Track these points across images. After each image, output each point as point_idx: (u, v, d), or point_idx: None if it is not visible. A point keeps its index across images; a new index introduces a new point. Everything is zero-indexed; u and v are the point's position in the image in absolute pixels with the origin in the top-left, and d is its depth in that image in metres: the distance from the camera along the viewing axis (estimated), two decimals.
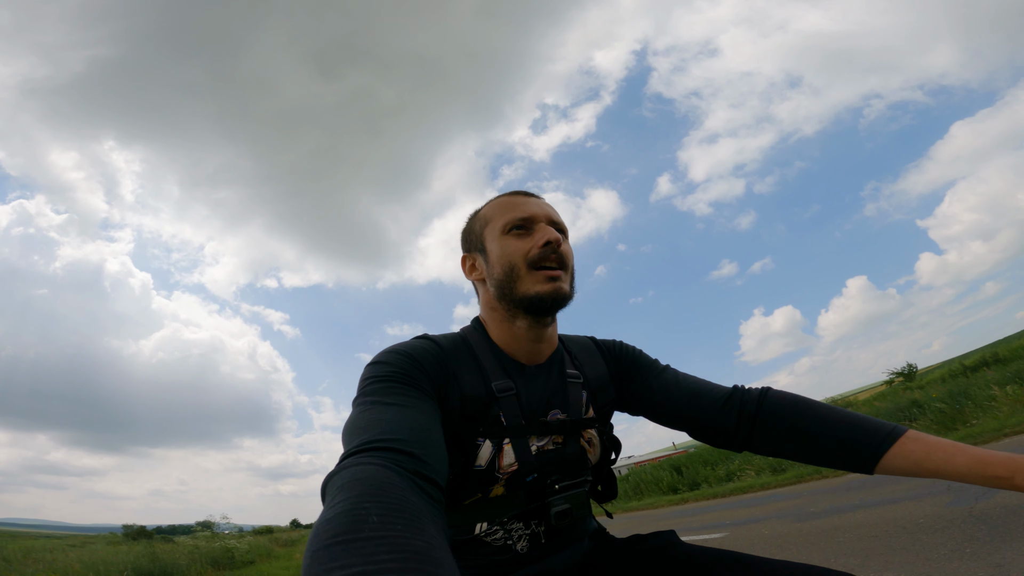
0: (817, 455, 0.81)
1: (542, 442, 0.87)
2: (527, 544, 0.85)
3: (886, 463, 0.74)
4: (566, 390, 0.92)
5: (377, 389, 0.72)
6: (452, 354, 0.87)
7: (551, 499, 0.85)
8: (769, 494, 8.64)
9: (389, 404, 0.69)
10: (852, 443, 0.76)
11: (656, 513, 10.42)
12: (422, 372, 0.79)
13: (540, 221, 0.91)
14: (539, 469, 0.85)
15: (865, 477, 6.46)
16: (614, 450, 0.97)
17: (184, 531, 45.42)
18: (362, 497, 0.48)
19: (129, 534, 32.98)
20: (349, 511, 0.46)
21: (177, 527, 53.77)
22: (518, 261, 0.88)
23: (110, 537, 28.53)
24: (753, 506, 7.92)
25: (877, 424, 0.77)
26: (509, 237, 0.90)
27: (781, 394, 0.87)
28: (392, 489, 0.50)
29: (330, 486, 0.52)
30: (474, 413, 0.84)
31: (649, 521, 8.78)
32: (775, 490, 8.87)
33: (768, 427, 0.84)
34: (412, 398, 0.72)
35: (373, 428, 0.62)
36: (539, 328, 0.90)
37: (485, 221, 0.96)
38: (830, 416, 0.80)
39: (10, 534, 30.81)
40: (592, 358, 1.00)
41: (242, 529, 27.45)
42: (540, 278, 0.87)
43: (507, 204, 0.94)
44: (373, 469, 0.52)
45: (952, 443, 0.70)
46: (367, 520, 0.45)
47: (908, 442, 0.72)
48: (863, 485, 6.44)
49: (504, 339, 0.92)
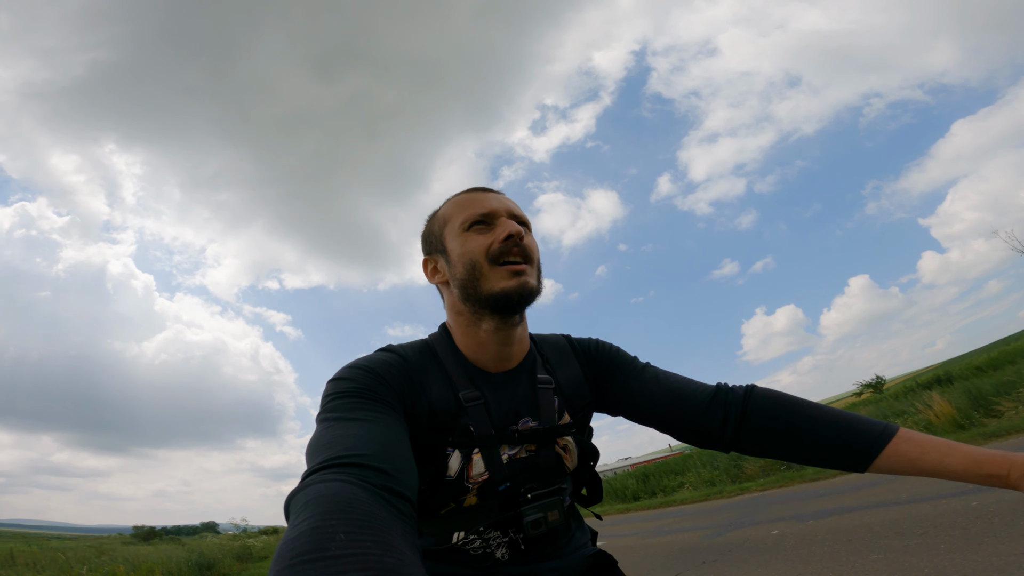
0: (808, 455, 0.79)
1: (514, 451, 0.86)
2: (507, 552, 0.84)
3: (880, 463, 0.73)
4: (536, 397, 0.90)
5: (339, 405, 0.71)
6: (417, 364, 0.86)
7: (524, 508, 0.83)
8: (701, 507, 9.02)
9: (352, 420, 0.67)
10: (844, 442, 0.75)
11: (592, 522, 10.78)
12: (384, 385, 0.77)
13: (501, 215, 0.88)
14: (511, 478, 0.84)
15: (796, 489, 6.40)
16: (591, 456, 0.95)
17: (190, 532, 45.63)
18: (328, 514, 0.44)
19: (140, 535, 33.45)
20: (315, 528, 0.43)
21: (182, 527, 54.03)
22: (479, 257, 0.84)
23: (123, 538, 29.01)
24: (681, 517, 8.26)
25: (869, 423, 0.76)
26: (470, 234, 0.87)
27: (767, 392, 0.85)
28: (359, 505, 0.47)
29: (293, 504, 0.50)
30: (442, 423, 0.82)
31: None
32: (709, 502, 9.22)
33: (756, 427, 0.83)
34: (376, 412, 0.70)
35: (337, 444, 0.60)
36: (507, 329, 0.87)
37: (444, 220, 0.92)
38: (820, 415, 0.79)
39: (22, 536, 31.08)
40: (566, 360, 0.97)
41: (247, 530, 27.75)
42: (504, 273, 0.83)
43: (465, 201, 0.91)
44: (339, 485, 0.50)
45: (946, 442, 0.70)
46: (334, 537, 0.42)
47: (901, 441, 0.71)
48: (776, 501, 6.69)
49: (470, 345, 0.89)
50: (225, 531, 26.65)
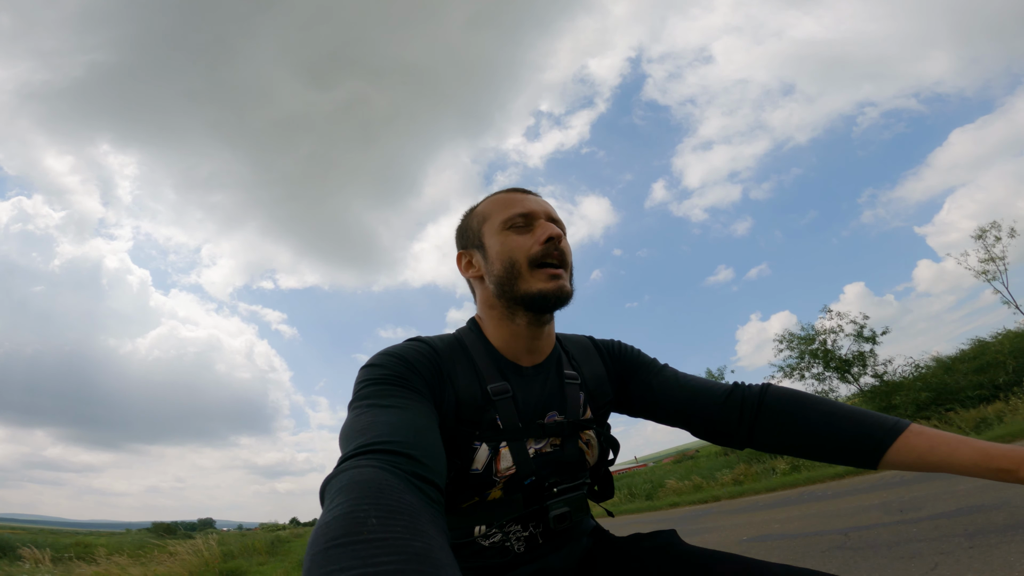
0: (820, 451, 0.80)
1: (540, 444, 0.86)
2: (524, 545, 0.85)
3: (890, 458, 0.73)
4: (564, 392, 0.91)
5: (372, 392, 0.72)
6: (446, 356, 0.86)
7: (549, 502, 0.84)
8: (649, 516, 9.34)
9: (385, 406, 0.68)
10: (856, 438, 0.76)
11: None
12: (416, 374, 0.78)
13: (540, 217, 0.90)
14: (537, 472, 0.85)
15: (751, 499, 6.66)
16: (612, 450, 0.97)
17: (188, 528, 45.81)
18: (361, 499, 0.47)
19: (158, 530, 34.24)
20: (348, 514, 0.45)
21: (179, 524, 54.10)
22: (519, 257, 0.86)
23: (145, 533, 29.67)
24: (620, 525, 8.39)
25: (880, 419, 0.76)
26: (509, 233, 0.89)
27: (782, 390, 0.87)
28: (390, 491, 0.49)
29: (328, 489, 0.52)
30: (470, 416, 0.83)
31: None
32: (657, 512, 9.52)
33: (770, 424, 0.84)
34: (408, 400, 0.71)
35: (369, 431, 0.61)
36: (538, 326, 0.89)
37: (483, 217, 0.94)
38: (833, 411, 0.79)
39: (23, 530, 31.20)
40: (590, 358, 0.99)
41: (242, 527, 28.13)
42: (543, 276, 0.85)
43: (506, 200, 0.93)
44: (371, 471, 0.52)
45: (956, 436, 0.70)
46: (366, 522, 0.43)
47: (912, 436, 0.72)
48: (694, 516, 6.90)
49: (502, 338, 0.90)
50: (220, 528, 27.07)
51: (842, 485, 7.10)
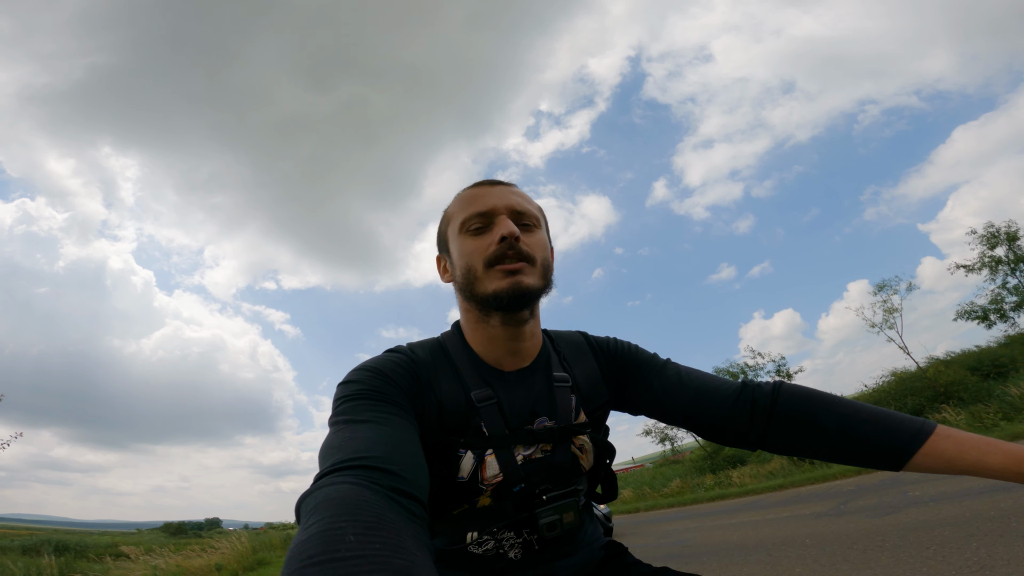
0: (841, 453, 0.76)
1: (529, 451, 0.83)
2: (520, 552, 0.82)
3: (917, 461, 0.70)
4: (552, 396, 0.86)
5: (349, 408, 0.69)
6: (427, 364, 0.83)
7: (539, 510, 0.80)
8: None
9: (362, 422, 0.66)
10: (879, 440, 0.72)
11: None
12: (394, 386, 0.75)
13: (500, 213, 0.83)
14: (526, 479, 0.81)
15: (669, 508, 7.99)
16: (608, 456, 0.92)
17: (196, 527, 45.86)
18: (338, 516, 0.45)
19: (169, 530, 34.57)
20: (324, 531, 0.43)
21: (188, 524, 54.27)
22: (475, 262, 0.81)
23: (156, 533, 29.96)
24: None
25: (904, 420, 0.72)
26: (467, 236, 0.84)
27: (796, 388, 0.82)
28: (369, 507, 0.47)
29: (304, 507, 0.50)
30: (453, 424, 0.80)
31: None
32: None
33: (784, 425, 0.79)
34: (386, 414, 0.68)
35: (346, 447, 0.59)
36: (514, 326, 0.84)
37: (448, 219, 0.89)
38: (853, 412, 0.75)
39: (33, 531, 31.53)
40: (583, 357, 0.93)
41: (247, 526, 28.59)
42: (497, 274, 0.80)
43: (467, 198, 0.87)
44: (348, 488, 0.50)
45: (986, 439, 0.67)
46: (344, 539, 0.42)
47: (939, 439, 0.69)
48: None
49: (481, 342, 0.86)
50: (226, 527, 27.48)
51: (772, 498, 7.78)
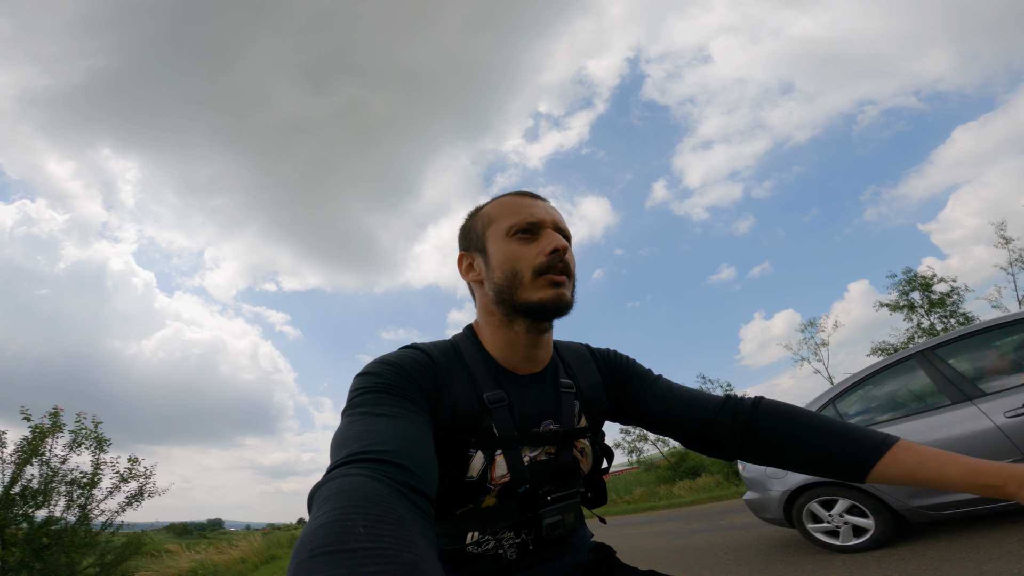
0: (809, 464, 0.81)
1: (535, 453, 0.85)
2: (515, 552, 0.84)
3: (878, 472, 0.74)
4: (559, 400, 0.90)
5: (366, 400, 0.70)
6: (442, 364, 0.85)
7: (543, 510, 0.83)
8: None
9: (378, 415, 0.67)
10: (844, 452, 0.77)
11: None
12: (411, 383, 0.76)
13: (547, 226, 0.86)
14: (531, 480, 0.84)
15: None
16: (606, 458, 0.96)
17: (199, 528, 46.23)
18: (349, 508, 0.45)
19: (175, 531, 35.08)
20: (335, 522, 0.43)
21: (191, 524, 54.55)
22: (523, 268, 0.83)
23: (159, 533, 30.73)
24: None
25: (868, 434, 0.77)
26: (513, 241, 0.85)
27: (773, 404, 0.87)
28: (380, 500, 0.48)
29: (316, 497, 0.51)
30: (465, 424, 0.82)
31: None
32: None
33: (760, 436, 0.84)
34: (402, 409, 0.70)
35: (361, 439, 0.60)
36: (537, 334, 0.87)
37: (488, 220, 0.90)
38: (822, 425, 0.80)
39: None
40: (586, 367, 0.98)
41: (249, 527, 28.81)
42: (544, 284, 0.83)
43: (513, 205, 0.89)
44: (361, 480, 0.51)
45: (944, 452, 0.71)
46: (354, 531, 0.42)
47: (900, 451, 0.73)
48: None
49: (499, 346, 0.88)
50: (228, 528, 27.90)
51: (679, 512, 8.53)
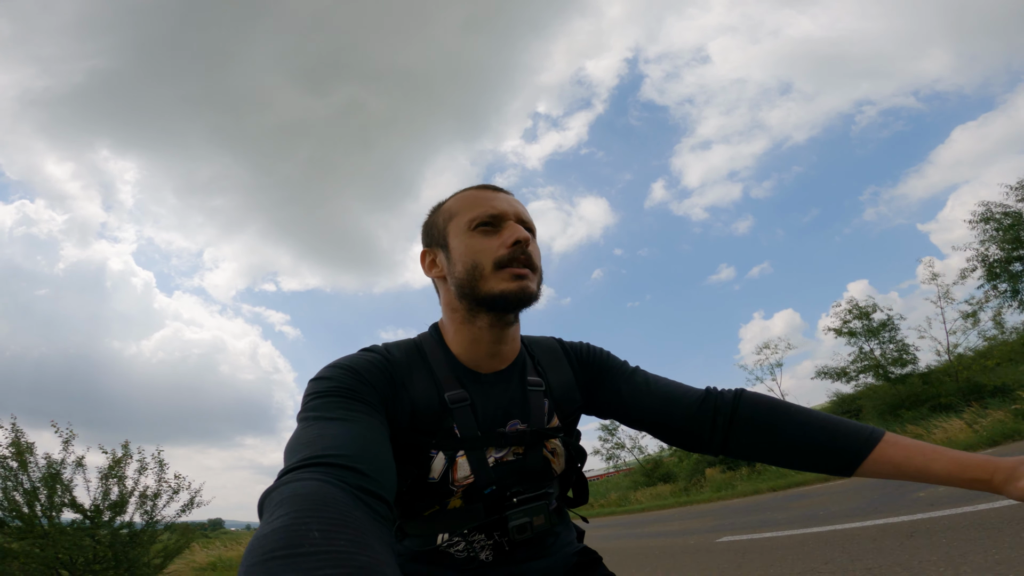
0: (795, 459, 0.80)
1: (501, 453, 0.83)
2: (491, 554, 0.83)
3: (866, 467, 0.73)
4: (527, 399, 0.87)
5: (319, 404, 0.69)
6: (402, 364, 0.83)
7: (509, 512, 0.81)
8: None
9: (331, 419, 0.65)
10: (831, 446, 0.75)
11: None
12: (366, 385, 0.75)
13: (509, 218, 0.85)
14: (497, 481, 0.82)
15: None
16: (579, 459, 0.93)
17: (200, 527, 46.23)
18: (302, 512, 0.44)
19: (176, 530, 36.02)
20: (288, 526, 0.42)
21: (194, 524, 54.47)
22: (484, 260, 0.81)
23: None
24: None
25: (855, 427, 0.76)
26: (475, 234, 0.83)
27: (756, 396, 0.85)
28: (335, 504, 0.46)
29: (268, 502, 0.49)
30: (426, 425, 0.80)
31: None
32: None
33: (744, 431, 0.82)
34: (356, 412, 0.68)
35: (315, 444, 0.58)
36: (501, 327, 0.85)
37: (449, 215, 0.88)
38: (808, 419, 0.78)
39: None
40: (557, 363, 0.95)
41: (250, 527, 28.69)
42: (506, 276, 0.81)
43: (473, 198, 0.87)
44: (315, 484, 0.49)
45: (931, 446, 0.70)
46: (308, 535, 0.41)
47: (887, 446, 0.72)
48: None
49: (463, 343, 0.86)
50: (228, 528, 27.92)
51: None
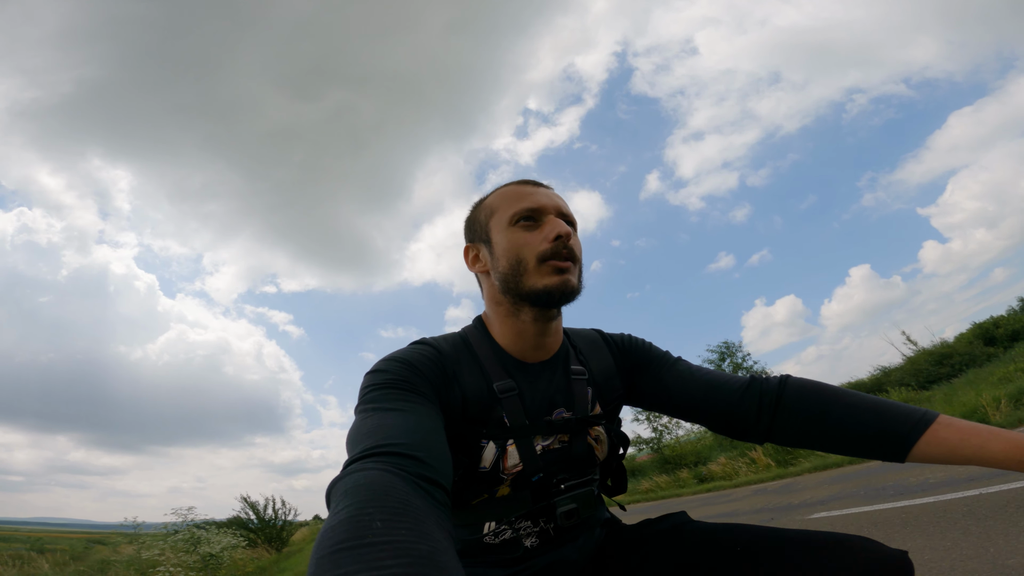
0: (844, 444, 0.77)
1: (548, 441, 0.85)
2: (536, 540, 0.85)
3: (918, 451, 0.69)
4: (571, 388, 0.89)
5: (377, 396, 0.71)
6: (451, 356, 0.85)
7: (557, 499, 0.83)
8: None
9: (390, 410, 0.68)
10: (882, 430, 0.72)
11: None
12: (420, 377, 0.77)
13: (549, 213, 0.86)
14: (544, 469, 0.84)
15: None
16: (622, 445, 0.95)
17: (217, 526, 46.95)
18: (366, 502, 0.46)
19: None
20: (352, 517, 0.45)
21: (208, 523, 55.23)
22: (527, 255, 0.83)
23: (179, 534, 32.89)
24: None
25: (907, 410, 0.72)
26: (517, 229, 0.85)
27: (802, 381, 0.83)
28: (396, 493, 0.49)
29: (334, 492, 0.52)
30: (476, 415, 0.82)
31: None
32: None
33: (790, 416, 0.80)
34: (412, 403, 0.71)
35: (375, 434, 0.61)
36: (544, 321, 0.87)
37: (491, 211, 0.90)
38: (856, 402, 0.75)
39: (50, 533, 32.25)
40: (598, 352, 0.96)
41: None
42: (548, 271, 0.82)
43: (515, 193, 0.89)
44: (376, 474, 0.52)
45: (987, 428, 0.67)
46: (371, 525, 0.43)
47: (941, 428, 0.68)
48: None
49: (508, 335, 0.88)
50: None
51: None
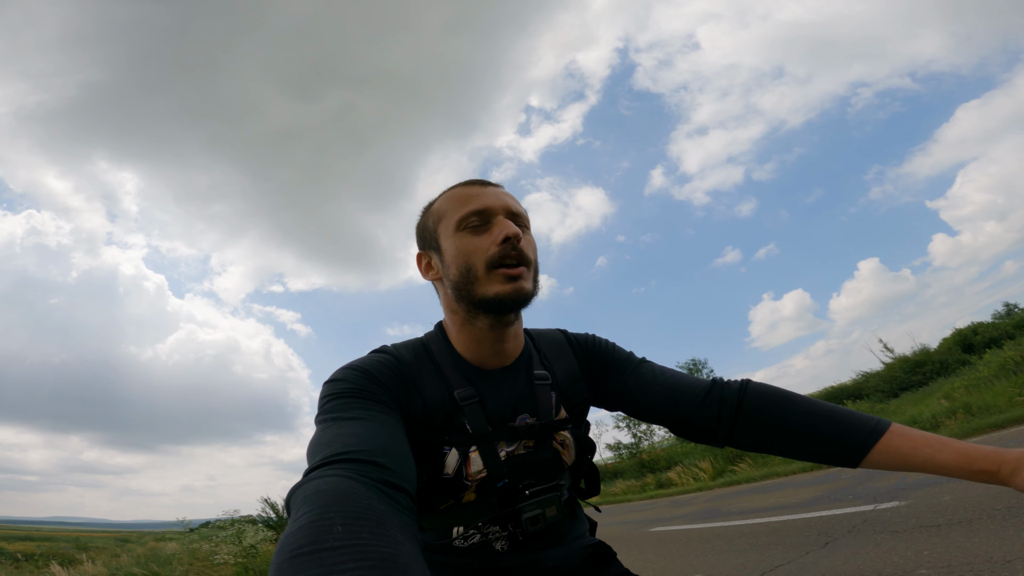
0: (801, 449, 0.79)
1: (512, 447, 0.85)
2: (506, 544, 0.85)
3: (872, 458, 0.73)
4: (534, 393, 0.88)
5: (336, 406, 0.71)
6: (411, 364, 0.85)
7: (522, 504, 0.83)
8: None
9: (349, 419, 0.67)
10: (837, 437, 0.75)
11: None
12: (379, 385, 0.77)
13: (498, 213, 0.83)
14: (509, 475, 0.84)
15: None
16: (588, 450, 0.95)
17: None
18: (326, 507, 0.46)
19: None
20: (313, 522, 0.44)
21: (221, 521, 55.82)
22: (475, 261, 0.81)
23: (201, 530, 33.02)
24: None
25: (862, 418, 0.75)
26: (464, 234, 0.83)
27: (762, 387, 0.85)
28: (357, 498, 0.48)
29: (294, 499, 0.52)
30: (438, 422, 0.82)
31: None
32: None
33: (750, 422, 0.82)
34: (372, 411, 0.70)
35: (335, 443, 0.60)
36: (501, 327, 0.85)
37: (439, 216, 0.88)
38: (814, 410, 0.78)
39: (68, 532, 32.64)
40: (563, 355, 0.95)
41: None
42: (499, 278, 0.80)
43: (460, 196, 0.86)
44: (337, 480, 0.52)
45: (938, 437, 0.70)
46: (332, 530, 0.43)
47: (894, 437, 0.72)
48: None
49: (466, 343, 0.87)
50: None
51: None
